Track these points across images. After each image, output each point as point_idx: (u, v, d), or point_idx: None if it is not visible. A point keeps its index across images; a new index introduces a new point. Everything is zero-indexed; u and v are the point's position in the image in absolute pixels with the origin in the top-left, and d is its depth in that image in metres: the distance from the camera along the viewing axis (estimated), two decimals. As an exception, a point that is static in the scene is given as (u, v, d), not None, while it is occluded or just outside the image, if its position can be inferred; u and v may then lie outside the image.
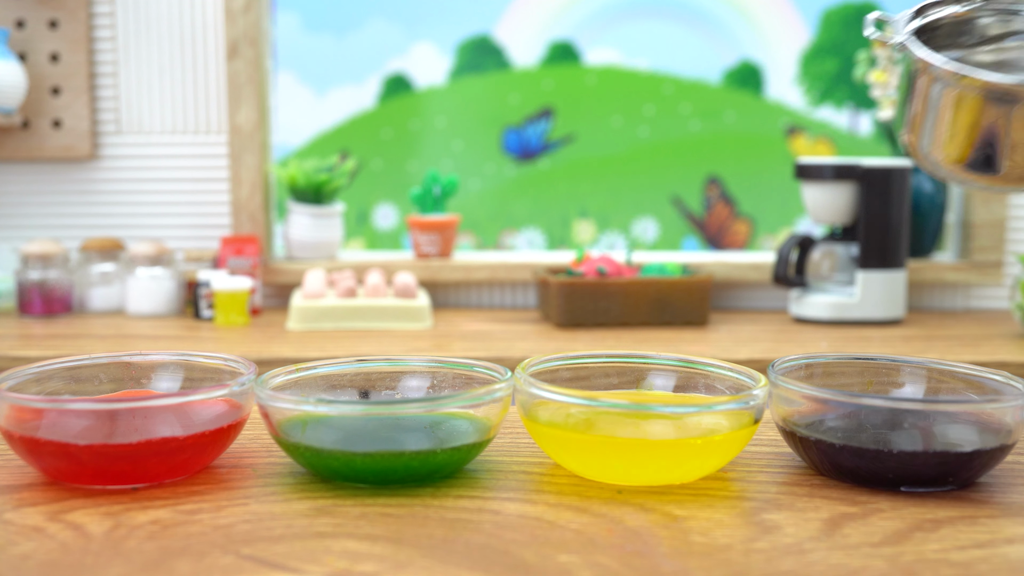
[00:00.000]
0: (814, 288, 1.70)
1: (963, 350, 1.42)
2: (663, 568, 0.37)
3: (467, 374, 0.53)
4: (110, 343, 1.47)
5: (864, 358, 0.56)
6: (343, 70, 2.15)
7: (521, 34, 2.13)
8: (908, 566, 0.38)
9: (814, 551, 0.39)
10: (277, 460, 0.51)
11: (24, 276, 1.71)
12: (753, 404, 0.47)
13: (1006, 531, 0.42)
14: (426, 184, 1.84)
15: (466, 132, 2.15)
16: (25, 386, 0.50)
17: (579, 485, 0.47)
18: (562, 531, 0.41)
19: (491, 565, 0.37)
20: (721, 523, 0.42)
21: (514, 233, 2.17)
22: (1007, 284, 1.85)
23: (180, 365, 0.55)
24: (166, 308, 1.74)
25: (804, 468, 0.50)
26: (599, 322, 1.60)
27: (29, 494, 0.45)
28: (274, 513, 0.43)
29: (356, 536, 0.40)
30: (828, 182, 1.64)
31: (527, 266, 1.83)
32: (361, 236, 2.19)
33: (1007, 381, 0.50)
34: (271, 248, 1.90)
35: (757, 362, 1.32)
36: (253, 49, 1.82)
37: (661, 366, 0.56)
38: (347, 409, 0.47)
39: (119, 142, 1.88)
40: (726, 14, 2.11)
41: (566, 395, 0.47)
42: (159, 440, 0.45)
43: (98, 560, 0.38)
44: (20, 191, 1.89)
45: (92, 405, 0.45)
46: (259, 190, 1.85)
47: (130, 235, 1.88)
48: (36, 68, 1.82)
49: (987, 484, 0.48)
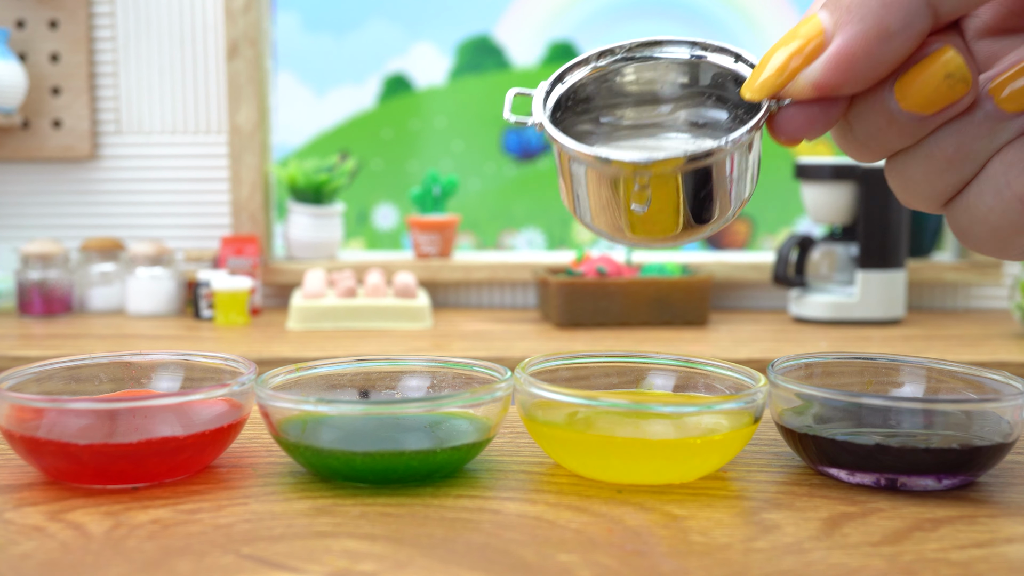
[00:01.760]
0: (814, 288, 1.70)
1: (963, 350, 1.42)
2: (663, 567, 0.37)
3: (467, 374, 0.53)
4: (110, 343, 1.47)
5: (864, 358, 0.56)
6: (343, 70, 2.15)
7: (521, 34, 2.13)
8: (907, 565, 0.38)
9: (813, 550, 0.39)
10: (277, 460, 0.51)
11: (24, 276, 1.71)
12: (753, 404, 0.47)
13: (1005, 530, 0.42)
14: (426, 184, 1.84)
15: (466, 132, 2.15)
16: (25, 386, 0.50)
17: (579, 485, 0.47)
18: (562, 531, 0.41)
19: (491, 564, 0.37)
20: (721, 522, 0.42)
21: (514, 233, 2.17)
22: (1007, 284, 1.85)
23: (180, 365, 0.55)
24: (166, 308, 1.74)
25: (803, 467, 0.50)
26: (599, 322, 1.60)
27: (29, 494, 0.45)
28: (274, 513, 0.43)
29: (356, 535, 0.40)
30: (828, 182, 1.65)
31: (527, 266, 1.83)
32: (361, 236, 2.19)
33: (1007, 381, 0.50)
34: (271, 248, 1.90)
35: (757, 362, 1.32)
36: (253, 49, 1.82)
37: (661, 366, 0.56)
38: (347, 409, 0.47)
39: (119, 142, 1.88)
40: (726, 14, 2.11)
41: (566, 395, 0.47)
42: (159, 440, 0.45)
43: (98, 559, 0.38)
44: (20, 191, 1.89)
45: (92, 405, 0.45)
46: (259, 190, 1.85)
47: (130, 235, 1.88)
48: (36, 68, 1.82)
49: (987, 483, 0.48)
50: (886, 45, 0.33)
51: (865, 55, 0.33)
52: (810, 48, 0.34)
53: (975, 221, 0.36)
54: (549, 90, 0.42)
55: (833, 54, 0.34)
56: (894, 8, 0.32)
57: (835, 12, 0.33)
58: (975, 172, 0.35)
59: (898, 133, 0.35)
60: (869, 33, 0.33)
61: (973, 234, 0.36)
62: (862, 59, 0.33)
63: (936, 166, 0.36)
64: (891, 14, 0.32)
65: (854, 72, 0.34)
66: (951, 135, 0.35)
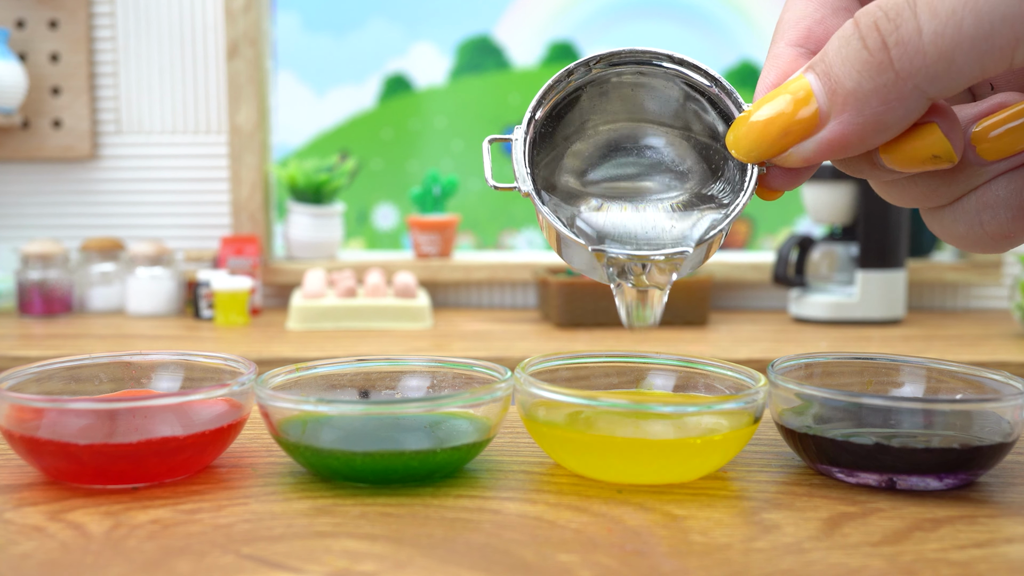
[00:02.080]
0: (814, 288, 1.70)
1: (963, 350, 1.42)
2: (663, 567, 0.37)
3: (467, 374, 0.53)
4: (110, 343, 1.47)
5: (864, 358, 0.56)
6: (343, 70, 2.15)
7: (521, 34, 2.13)
8: (907, 565, 0.38)
9: (813, 550, 0.39)
10: (277, 460, 0.51)
11: (24, 276, 1.71)
12: (753, 404, 0.47)
13: (1006, 530, 0.42)
14: (426, 184, 1.84)
15: (466, 132, 2.15)
16: (25, 386, 0.50)
17: (579, 485, 0.47)
18: (562, 531, 0.41)
19: (491, 564, 0.37)
20: (721, 522, 0.42)
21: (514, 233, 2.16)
22: (1007, 284, 1.85)
23: (180, 365, 0.55)
24: (166, 308, 1.74)
25: (803, 467, 0.50)
26: (599, 322, 1.60)
27: (29, 494, 0.45)
28: (274, 513, 0.43)
29: (356, 535, 0.40)
30: (828, 182, 1.64)
31: (527, 266, 1.83)
32: (361, 236, 2.19)
33: (1006, 381, 0.50)
34: (271, 248, 1.90)
35: (757, 362, 1.32)
36: (253, 49, 1.82)
37: (661, 366, 0.56)
38: (347, 409, 0.47)
39: (119, 142, 1.88)
40: (726, 14, 2.11)
41: (566, 395, 0.47)
42: (159, 440, 0.45)
43: (98, 559, 0.38)
44: (20, 191, 1.89)
45: (92, 405, 0.45)
46: (259, 190, 1.85)
47: (130, 235, 1.88)
48: (36, 68, 1.82)
49: (987, 483, 0.48)
50: (881, 135, 0.33)
51: (859, 142, 0.33)
52: (802, 124, 0.34)
53: (948, 235, 0.37)
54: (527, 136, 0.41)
55: (827, 140, 0.34)
56: (894, 106, 0.32)
57: (831, 95, 0.33)
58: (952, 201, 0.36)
59: (880, 175, 0.36)
60: (867, 127, 0.33)
61: (944, 238, 0.37)
62: (856, 145, 0.33)
63: (914, 194, 0.37)
64: (890, 112, 0.32)
65: (845, 152, 0.34)
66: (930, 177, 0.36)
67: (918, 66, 0.30)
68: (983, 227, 0.35)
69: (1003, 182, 0.34)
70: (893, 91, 0.31)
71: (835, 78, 0.32)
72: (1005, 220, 0.35)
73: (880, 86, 0.31)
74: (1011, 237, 0.35)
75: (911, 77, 0.31)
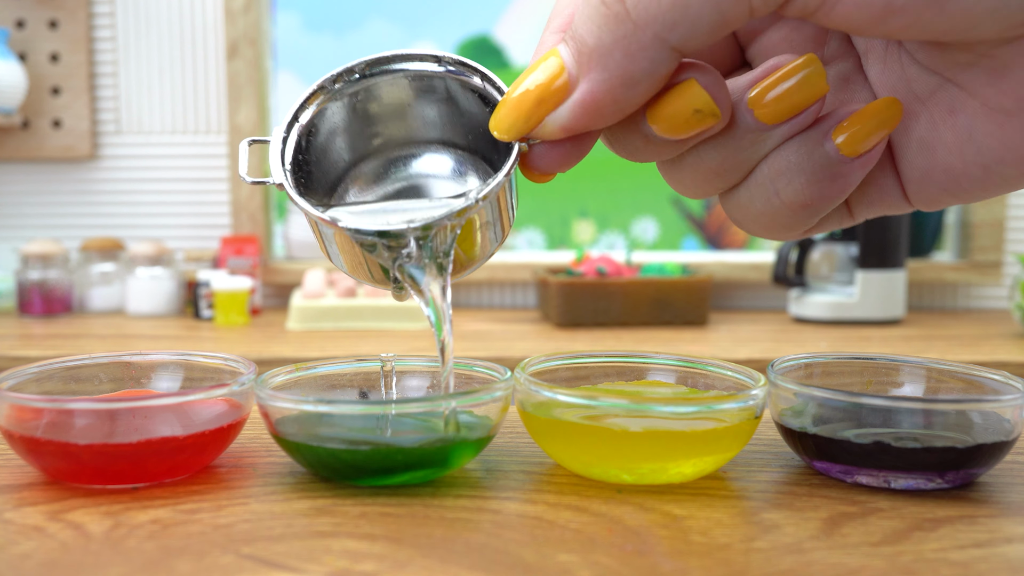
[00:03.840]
0: (814, 288, 1.70)
1: (963, 350, 1.42)
2: (663, 567, 0.37)
3: (467, 374, 0.53)
4: (110, 343, 1.47)
5: (864, 358, 0.56)
6: (343, 70, 2.15)
7: (521, 34, 2.13)
8: (907, 565, 0.38)
9: (813, 550, 0.39)
10: (277, 460, 0.51)
11: (24, 276, 1.71)
12: (753, 403, 0.47)
13: (1005, 530, 0.42)
14: (426, 184, 1.84)
15: (466, 132, 2.15)
16: (25, 386, 0.50)
17: (579, 485, 0.47)
18: (562, 530, 0.41)
19: (491, 564, 0.37)
20: (720, 522, 0.42)
21: (514, 233, 2.16)
22: (1007, 284, 1.85)
23: (180, 365, 0.55)
24: (166, 308, 1.74)
25: (803, 467, 0.50)
26: (599, 322, 1.60)
27: (29, 494, 0.45)
28: (274, 513, 0.43)
29: (356, 535, 0.40)
30: (828, 182, 1.64)
31: (527, 266, 1.83)
32: (361, 236, 2.19)
33: (1006, 381, 0.50)
34: (271, 248, 1.90)
35: (757, 362, 1.32)
36: (253, 49, 1.82)
37: (661, 366, 0.56)
38: (347, 409, 0.47)
39: (119, 142, 1.88)
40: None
41: (566, 395, 0.47)
42: (159, 440, 0.45)
43: (98, 559, 0.38)
44: (20, 191, 1.89)
45: (92, 405, 0.45)
46: (259, 190, 1.85)
47: (130, 235, 1.88)
48: (36, 68, 1.82)
49: (986, 483, 0.48)
50: (631, 91, 0.32)
51: (612, 101, 0.33)
52: (554, 91, 0.34)
53: (747, 217, 0.36)
54: (286, 136, 0.40)
55: (579, 101, 0.33)
56: (637, 58, 0.31)
57: (577, 56, 0.33)
58: (743, 177, 0.35)
59: (657, 150, 0.35)
60: (614, 81, 0.32)
61: (746, 226, 0.36)
62: (609, 104, 0.33)
63: (703, 175, 0.36)
64: (634, 63, 0.31)
65: (601, 115, 0.33)
66: (715, 149, 0.35)
67: (654, 14, 0.30)
68: (779, 196, 0.34)
69: (793, 146, 0.34)
70: (634, 41, 0.31)
71: (579, 39, 0.32)
72: (801, 186, 0.34)
73: (620, 37, 0.31)
74: (811, 205, 0.34)
75: (649, 25, 0.30)
